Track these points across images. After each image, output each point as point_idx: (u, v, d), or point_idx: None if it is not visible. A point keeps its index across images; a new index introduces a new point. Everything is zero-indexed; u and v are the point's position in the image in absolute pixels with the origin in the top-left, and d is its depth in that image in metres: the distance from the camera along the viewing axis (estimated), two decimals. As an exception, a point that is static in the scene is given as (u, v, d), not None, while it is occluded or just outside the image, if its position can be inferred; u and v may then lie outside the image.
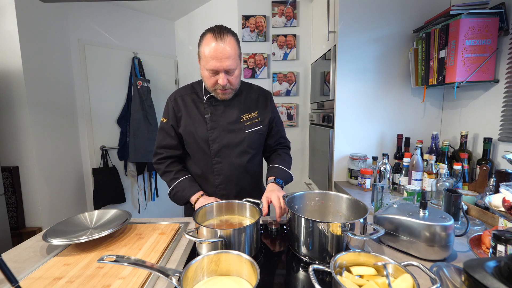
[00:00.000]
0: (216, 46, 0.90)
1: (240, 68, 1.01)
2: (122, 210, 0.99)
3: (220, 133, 1.06)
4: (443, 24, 1.37)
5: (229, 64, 0.93)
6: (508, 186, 0.83)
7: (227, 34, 0.93)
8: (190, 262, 0.59)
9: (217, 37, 0.91)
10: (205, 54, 0.93)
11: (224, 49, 0.91)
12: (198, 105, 1.09)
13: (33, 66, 1.89)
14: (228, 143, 1.07)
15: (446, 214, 0.76)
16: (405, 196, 1.13)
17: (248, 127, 1.09)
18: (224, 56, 0.91)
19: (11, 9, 1.76)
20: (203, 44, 0.94)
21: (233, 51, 0.93)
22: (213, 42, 0.91)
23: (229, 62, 0.92)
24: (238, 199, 0.92)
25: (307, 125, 2.46)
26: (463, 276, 0.49)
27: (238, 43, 0.98)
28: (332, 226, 0.67)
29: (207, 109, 1.07)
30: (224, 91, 1.00)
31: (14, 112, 1.85)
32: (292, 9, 2.31)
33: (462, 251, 0.79)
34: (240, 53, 1.00)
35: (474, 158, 1.39)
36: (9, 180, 1.86)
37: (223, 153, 1.07)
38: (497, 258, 0.50)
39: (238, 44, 0.97)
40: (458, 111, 1.55)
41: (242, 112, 1.09)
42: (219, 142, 1.06)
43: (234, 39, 0.95)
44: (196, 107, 1.08)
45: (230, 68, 0.94)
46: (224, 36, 0.91)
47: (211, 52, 0.91)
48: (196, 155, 1.11)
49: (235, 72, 0.97)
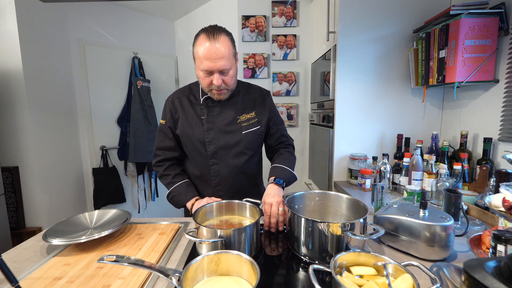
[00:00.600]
0: (209, 46, 0.89)
1: (235, 68, 1.00)
2: (122, 210, 0.99)
3: (216, 135, 1.06)
4: (443, 24, 1.37)
5: (223, 64, 0.91)
6: (508, 186, 0.83)
7: (221, 33, 0.91)
8: (190, 262, 0.59)
9: (211, 37, 0.90)
10: (199, 54, 0.92)
11: (217, 49, 0.90)
12: (195, 107, 1.08)
13: (33, 66, 1.89)
14: (224, 145, 1.06)
15: (446, 214, 0.76)
16: (405, 196, 1.13)
17: (245, 128, 1.08)
18: (218, 56, 0.90)
19: (11, 9, 1.76)
20: (197, 45, 0.93)
21: (227, 51, 0.92)
22: (206, 42, 0.90)
23: (223, 62, 0.91)
24: (236, 199, 0.92)
25: (307, 125, 2.46)
26: (463, 276, 0.49)
27: (232, 42, 0.96)
28: (332, 226, 0.67)
29: (204, 110, 1.06)
30: (220, 92, 0.99)
31: (14, 112, 1.85)
32: (292, 9, 2.31)
33: (462, 251, 0.79)
34: (235, 52, 0.99)
35: (474, 158, 1.39)
36: (9, 180, 1.86)
37: (219, 154, 1.07)
38: (497, 258, 0.50)
39: (232, 44, 0.96)
40: (458, 111, 1.55)
41: (239, 112, 1.08)
42: (216, 143, 1.06)
43: (228, 39, 0.94)
44: (193, 109, 1.08)
45: (224, 68, 0.93)
46: (217, 36, 0.90)
47: (205, 53, 0.90)
48: (193, 156, 1.11)
49: (230, 72, 0.96)
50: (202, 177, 1.11)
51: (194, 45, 0.95)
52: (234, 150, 1.07)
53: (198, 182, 1.13)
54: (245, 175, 1.12)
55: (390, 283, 0.53)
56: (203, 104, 1.07)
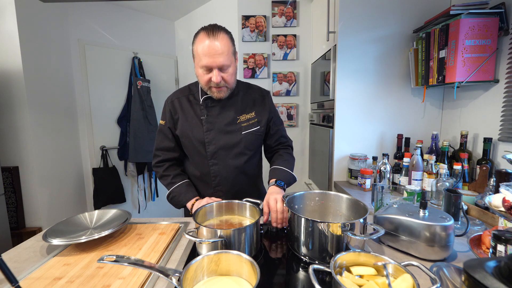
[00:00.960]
0: (209, 43, 0.90)
1: (234, 66, 1.00)
2: (122, 210, 0.99)
3: (216, 135, 1.05)
4: (443, 24, 1.37)
5: (222, 60, 0.92)
6: (508, 186, 0.83)
7: (220, 31, 0.93)
8: (190, 262, 0.59)
9: (210, 35, 0.91)
10: (198, 51, 0.93)
11: (216, 46, 0.90)
12: (194, 107, 1.08)
13: (33, 66, 1.89)
14: (224, 145, 1.06)
15: (446, 214, 0.76)
16: (405, 196, 1.13)
17: (244, 128, 1.07)
18: (217, 52, 0.91)
19: (11, 9, 1.76)
20: (197, 42, 0.94)
21: (226, 48, 0.92)
22: (206, 39, 0.91)
23: (222, 59, 0.92)
24: (237, 200, 0.92)
25: (307, 125, 2.46)
26: (463, 276, 0.49)
27: (232, 40, 0.97)
28: (332, 226, 0.67)
29: (203, 111, 1.06)
30: (219, 89, 0.99)
31: (14, 112, 1.85)
32: (292, 9, 2.31)
33: (462, 251, 0.79)
34: (235, 51, 1.00)
35: (474, 158, 1.39)
36: (9, 180, 1.86)
37: (219, 155, 1.06)
38: (497, 258, 0.50)
39: (232, 42, 0.97)
40: (458, 111, 1.55)
41: (239, 113, 1.08)
42: (215, 144, 1.05)
43: (227, 37, 0.94)
44: (193, 109, 1.08)
45: (223, 65, 0.93)
46: (216, 33, 0.91)
47: (204, 49, 0.91)
48: (193, 157, 1.11)
49: (229, 70, 0.97)
50: (202, 177, 1.11)
51: (193, 43, 0.96)
52: (234, 151, 1.07)
53: (198, 183, 1.13)
54: (245, 176, 1.12)
55: (390, 283, 0.53)
56: (203, 104, 1.07)
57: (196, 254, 0.76)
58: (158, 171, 1.13)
